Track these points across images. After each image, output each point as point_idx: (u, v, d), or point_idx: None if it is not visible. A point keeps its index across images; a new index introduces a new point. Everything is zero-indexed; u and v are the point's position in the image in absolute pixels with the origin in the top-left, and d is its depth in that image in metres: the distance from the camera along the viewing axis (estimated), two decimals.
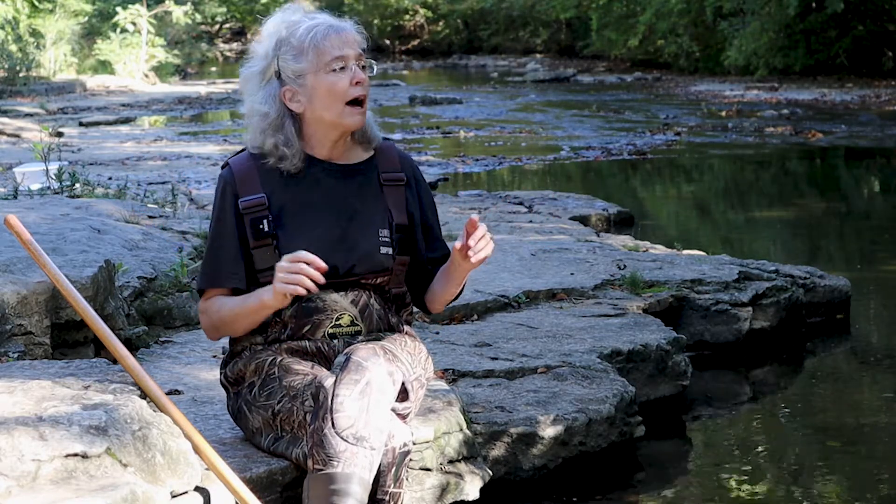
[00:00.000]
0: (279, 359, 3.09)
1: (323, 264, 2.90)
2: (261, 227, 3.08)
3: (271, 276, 3.02)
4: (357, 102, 3.09)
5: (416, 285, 3.28)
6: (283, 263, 2.91)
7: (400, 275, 3.20)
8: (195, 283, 3.24)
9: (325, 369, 3.06)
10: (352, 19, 3.18)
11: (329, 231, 3.11)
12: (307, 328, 3.12)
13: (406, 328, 3.24)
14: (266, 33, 3.13)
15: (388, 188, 3.19)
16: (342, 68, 3.07)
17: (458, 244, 3.04)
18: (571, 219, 8.38)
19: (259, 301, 3.01)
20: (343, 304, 3.13)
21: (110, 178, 10.34)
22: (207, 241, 3.21)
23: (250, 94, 3.14)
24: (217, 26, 51.07)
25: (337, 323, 3.12)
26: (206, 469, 2.86)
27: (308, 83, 3.08)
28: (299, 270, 2.89)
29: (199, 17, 34.99)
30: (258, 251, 3.08)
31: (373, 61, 3.15)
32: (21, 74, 23.78)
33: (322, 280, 2.90)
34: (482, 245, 3.01)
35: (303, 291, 2.90)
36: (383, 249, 3.14)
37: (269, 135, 3.10)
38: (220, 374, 3.24)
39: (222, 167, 3.19)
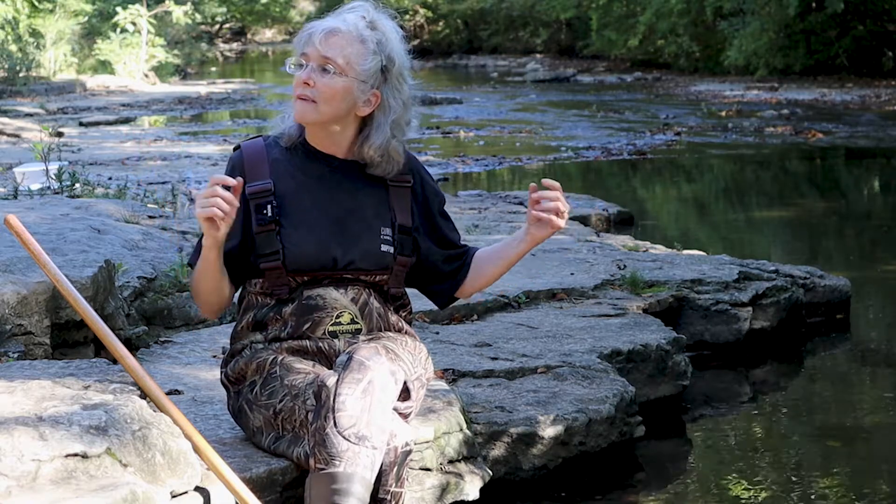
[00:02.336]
0: (280, 358, 3.09)
1: (234, 181, 2.94)
2: (264, 212, 3.11)
3: (274, 261, 3.06)
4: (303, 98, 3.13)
5: (424, 281, 3.29)
6: (199, 192, 2.95)
7: (400, 275, 3.20)
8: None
9: (326, 369, 3.06)
10: (373, 30, 3.14)
11: (330, 222, 3.13)
12: (307, 326, 3.12)
13: (406, 327, 3.24)
14: None
15: (394, 188, 3.21)
16: (300, 65, 3.12)
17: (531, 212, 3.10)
18: (571, 219, 8.37)
19: (203, 247, 3.04)
20: (343, 302, 3.13)
21: (110, 178, 10.34)
22: None
23: None
24: (217, 26, 51.08)
25: (337, 321, 3.13)
26: (206, 469, 2.86)
27: None
28: (213, 194, 2.92)
29: (199, 17, 34.98)
30: (261, 236, 3.10)
31: (332, 68, 3.10)
32: (21, 74, 23.78)
33: (236, 203, 2.93)
34: (553, 205, 3.07)
35: (220, 213, 2.91)
36: (384, 247, 3.15)
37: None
38: (221, 373, 3.24)
39: (234, 149, 3.24)
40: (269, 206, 3.11)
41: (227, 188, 2.94)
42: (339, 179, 3.17)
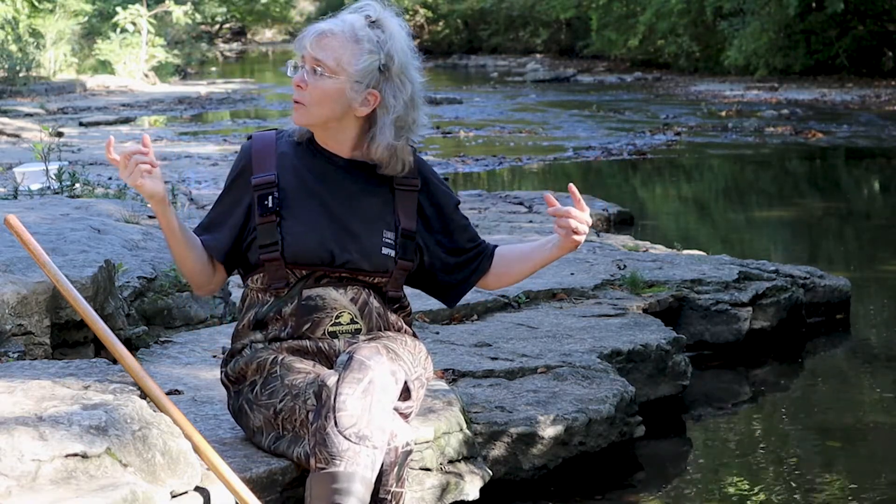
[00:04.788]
0: (281, 357, 3.10)
1: (146, 138, 2.99)
2: (266, 203, 3.13)
3: (273, 252, 3.09)
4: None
5: (435, 282, 3.29)
6: (121, 169, 2.98)
7: (399, 279, 3.20)
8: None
9: (326, 369, 3.06)
10: (374, 29, 3.15)
11: (331, 218, 3.14)
12: (307, 326, 3.12)
13: (406, 326, 3.24)
14: None
15: (401, 192, 3.21)
16: (296, 67, 3.15)
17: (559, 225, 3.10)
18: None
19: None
20: (343, 302, 3.13)
21: (110, 178, 10.34)
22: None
23: None
24: (217, 26, 51.07)
25: (337, 321, 3.13)
26: (206, 469, 2.86)
27: None
28: (135, 161, 2.95)
29: (199, 17, 34.98)
30: (262, 227, 3.12)
31: (322, 69, 3.10)
32: (21, 74, 23.77)
33: (155, 163, 2.97)
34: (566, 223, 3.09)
35: (147, 167, 2.95)
36: (385, 250, 3.15)
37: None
38: (221, 372, 3.24)
39: (247, 138, 3.27)
40: (270, 198, 3.13)
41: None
42: (342, 178, 3.17)
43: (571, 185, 3.13)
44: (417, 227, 3.21)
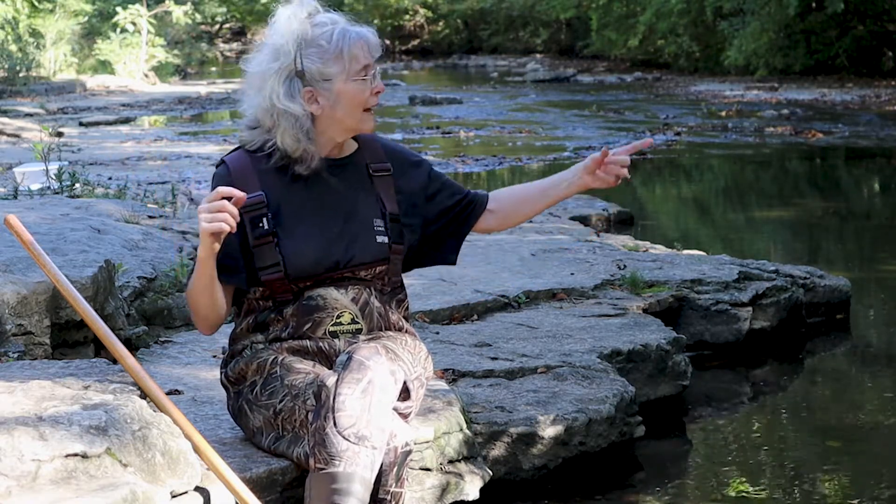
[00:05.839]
0: (281, 358, 3.09)
1: (241, 194, 2.87)
2: (260, 224, 3.07)
3: (273, 275, 3.05)
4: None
5: (427, 251, 3.30)
6: (204, 205, 2.88)
7: (397, 264, 3.20)
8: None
9: (326, 369, 3.06)
10: (369, 24, 3.17)
11: (327, 225, 3.13)
12: (308, 326, 3.12)
13: (406, 326, 3.24)
14: (285, 29, 3.07)
15: (378, 178, 3.21)
16: (365, 77, 3.09)
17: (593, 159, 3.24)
18: (571, 219, 8.39)
19: (197, 259, 2.97)
20: (343, 302, 3.13)
21: (110, 178, 10.34)
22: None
23: (263, 91, 3.08)
24: (217, 26, 51.08)
25: (338, 321, 3.13)
26: (206, 469, 2.86)
27: (334, 88, 3.07)
28: (221, 208, 2.85)
29: (199, 17, 35.00)
30: (259, 249, 3.08)
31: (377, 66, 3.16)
32: (21, 74, 23.78)
33: (237, 216, 2.86)
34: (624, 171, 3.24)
35: (227, 228, 2.86)
36: (379, 238, 3.15)
37: (301, 138, 3.07)
38: (221, 373, 3.23)
39: (217, 165, 3.18)
40: (264, 219, 3.06)
41: (229, 200, 2.89)
42: (326, 179, 3.15)
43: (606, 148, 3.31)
44: (401, 208, 3.21)
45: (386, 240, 3.16)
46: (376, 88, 3.11)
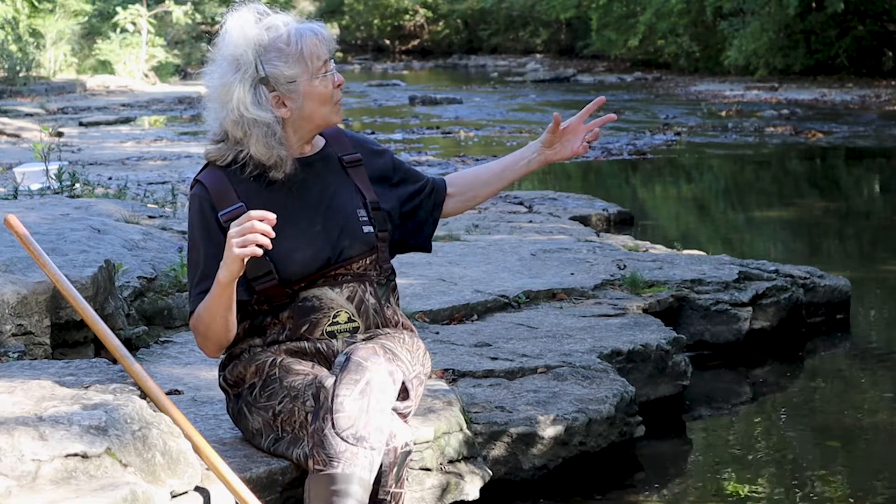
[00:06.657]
0: (279, 359, 3.09)
1: (272, 215, 2.85)
2: None
3: (267, 283, 3.05)
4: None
5: (405, 237, 3.31)
6: (234, 228, 2.85)
7: (385, 251, 3.21)
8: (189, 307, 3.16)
9: (325, 369, 3.06)
10: (316, 20, 3.18)
11: (313, 225, 3.12)
12: (305, 328, 3.12)
13: (403, 320, 3.24)
14: (239, 38, 3.05)
15: (352, 169, 3.22)
16: (326, 72, 3.09)
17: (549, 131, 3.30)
18: (571, 219, 8.38)
19: (217, 283, 2.93)
20: (339, 302, 3.13)
21: (110, 178, 10.35)
22: (192, 262, 3.10)
23: (228, 104, 3.06)
24: (217, 26, 51.03)
25: (335, 321, 3.12)
26: (206, 469, 2.86)
27: (300, 89, 3.06)
28: (252, 229, 2.82)
29: (199, 17, 34.94)
30: (249, 261, 3.00)
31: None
32: (21, 74, 23.78)
33: (272, 234, 2.84)
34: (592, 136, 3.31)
35: (259, 251, 2.84)
36: (365, 228, 3.16)
37: (274, 145, 3.06)
38: (219, 376, 3.23)
39: (191, 186, 3.15)
40: None
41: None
42: (302, 178, 3.14)
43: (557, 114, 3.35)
44: (377, 195, 3.21)
45: (372, 229, 3.16)
46: (338, 81, 3.11)
